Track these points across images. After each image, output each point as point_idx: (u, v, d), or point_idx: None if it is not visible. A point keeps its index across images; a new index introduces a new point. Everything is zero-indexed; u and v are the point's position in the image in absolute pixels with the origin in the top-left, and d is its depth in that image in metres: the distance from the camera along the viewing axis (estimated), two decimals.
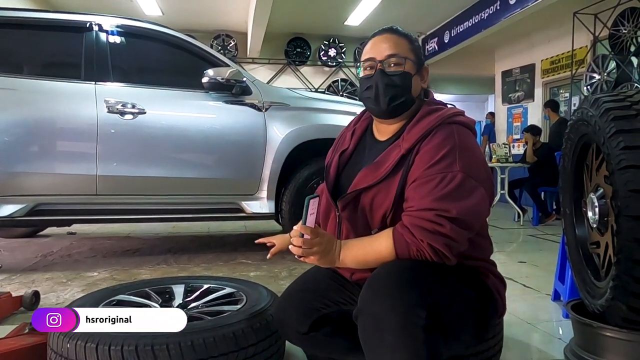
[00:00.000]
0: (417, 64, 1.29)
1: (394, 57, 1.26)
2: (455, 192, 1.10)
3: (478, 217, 1.16)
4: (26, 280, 2.80)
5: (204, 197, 3.16)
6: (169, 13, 7.54)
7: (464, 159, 1.13)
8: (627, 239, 1.37)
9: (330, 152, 1.47)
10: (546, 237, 4.63)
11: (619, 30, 5.64)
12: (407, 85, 1.26)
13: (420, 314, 1.00)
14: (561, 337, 1.94)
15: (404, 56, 1.26)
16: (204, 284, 1.85)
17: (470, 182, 1.12)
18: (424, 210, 1.10)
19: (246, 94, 3.19)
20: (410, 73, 1.27)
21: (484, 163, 1.22)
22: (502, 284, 1.31)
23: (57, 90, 2.95)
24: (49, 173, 2.89)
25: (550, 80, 7.56)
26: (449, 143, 1.15)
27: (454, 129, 1.19)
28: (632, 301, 1.40)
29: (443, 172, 1.11)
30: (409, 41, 1.29)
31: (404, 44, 1.28)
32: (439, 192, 1.10)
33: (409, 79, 1.27)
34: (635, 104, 1.43)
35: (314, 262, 1.15)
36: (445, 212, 1.08)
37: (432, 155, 1.14)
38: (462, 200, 1.10)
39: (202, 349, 1.29)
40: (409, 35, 1.31)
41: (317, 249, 1.13)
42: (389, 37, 1.28)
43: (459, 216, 1.08)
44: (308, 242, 1.12)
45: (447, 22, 7.84)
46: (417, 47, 1.31)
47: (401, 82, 1.25)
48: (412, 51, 1.29)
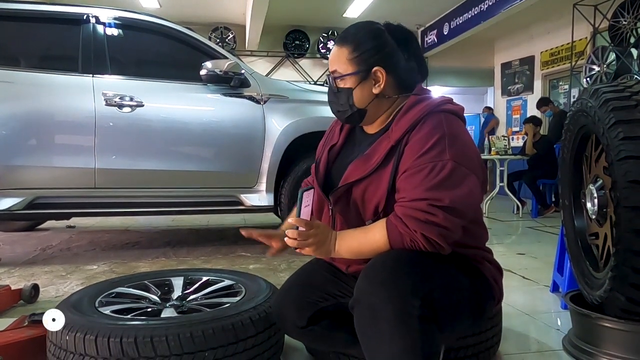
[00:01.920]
0: (359, 74, 1.24)
1: (334, 73, 1.27)
2: (446, 181, 1.09)
3: (471, 205, 1.15)
4: (25, 274, 2.80)
5: (203, 190, 3.16)
6: (166, 5, 7.50)
7: (453, 148, 1.12)
8: (626, 230, 1.37)
9: (321, 146, 1.46)
10: (545, 229, 4.63)
11: (618, 21, 5.62)
12: (346, 101, 1.26)
13: (415, 304, 1.01)
14: (560, 328, 1.95)
15: (341, 72, 1.26)
16: (203, 276, 1.85)
17: (461, 170, 1.12)
18: (416, 201, 1.09)
19: (244, 86, 3.18)
20: (349, 88, 1.25)
21: (475, 150, 1.22)
22: (498, 270, 1.31)
23: (55, 83, 2.94)
24: (47, 166, 2.88)
25: (549, 72, 7.55)
26: (438, 132, 1.14)
27: (443, 118, 1.18)
28: (630, 292, 1.40)
29: (433, 161, 1.11)
30: (350, 50, 1.24)
31: (342, 57, 1.25)
32: (431, 182, 1.09)
33: (348, 95, 1.26)
34: (634, 94, 1.43)
35: (310, 253, 1.15)
36: (438, 201, 1.08)
37: (422, 145, 1.13)
38: (454, 188, 1.09)
39: (201, 340, 1.29)
40: (353, 40, 1.25)
41: (313, 240, 1.13)
42: (334, 50, 1.28)
43: (451, 205, 1.08)
44: (303, 234, 1.12)
45: (446, 14, 7.81)
46: (361, 53, 1.23)
47: (342, 98, 1.27)
48: (351, 62, 1.24)
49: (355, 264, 1.29)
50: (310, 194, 1.16)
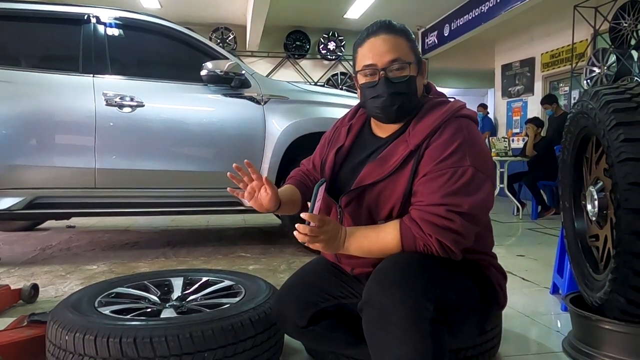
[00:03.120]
0: (417, 63, 1.25)
1: (396, 62, 1.20)
2: (466, 187, 1.10)
3: (486, 211, 1.17)
4: (25, 273, 2.80)
5: (203, 190, 3.15)
6: (167, 5, 7.50)
7: (473, 154, 1.13)
8: (626, 231, 1.36)
9: (324, 146, 1.45)
10: (545, 231, 4.63)
11: (619, 23, 5.62)
12: (413, 90, 1.23)
13: (428, 307, 1.01)
14: (559, 330, 1.94)
15: (406, 60, 1.21)
16: (203, 276, 1.85)
17: (480, 176, 1.12)
18: (434, 206, 1.09)
19: (245, 86, 3.18)
20: (414, 76, 1.23)
21: (490, 155, 1.23)
22: (503, 276, 1.32)
23: (55, 83, 2.93)
24: (47, 166, 2.88)
25: (550, 74, 7.54)
26: (459, 138, 1.14)
27: (463, 124, 1.18)
28: (630, 294, 1.40)
29: (454, 167, 1.11)
30: (406, 39, 1.24)
31: (403, 45, 1.22)
32: (450, 187, 1.10)
33: (414, 83, 1.23)
34: (635, 96, 1.43)
35: (318, 248, 1.14)
36: (457, 207, 1.08)
37: (442, 150, 1.13)
38: (473, 194, 1.10)
39: (201, 341, 1.29)
40: (405, 31, 1.25)
41: (323, 237, 1.12)
42: (386, 38, 1.21)
43: (470, 211, 1.09)
44: (315, 230, 1.10)
45: (447, 16, 7.81)
46: (414, 42, 1.26)
47: (407, 88, 1.22)
48: (412, 50, 1.24)
49: (360, 266, 1.29)
50: (323, 188, 1.15)
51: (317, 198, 1.11)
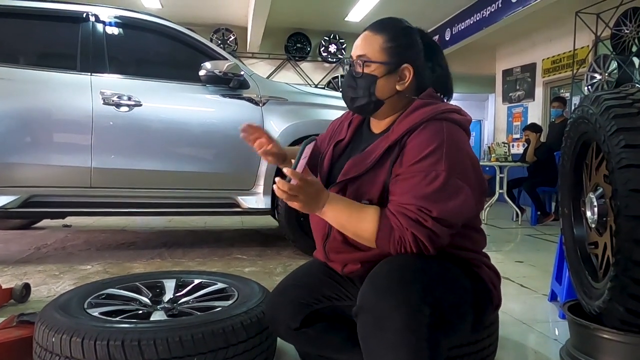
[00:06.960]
0: (392, 65, 1.23)
1: (362, 57, 1.24)
2: (437, 193, 1.07)
3: (461, 217, 1.12)
4: (18, 273, 2.78)
5: (200, 192, 3.13)
6: (168, 5, 7.49)
7: (450, 158, 1.09)
8: (626, 239, 1.34)
9: (326, 137, 1.46)
10: (544, 237, 4.61)
11: (621, 30, 5.61)
12: (368, 88, 1.23)
13: (425, 312, 0.98)
14: (557, 338, 1.92)
15: (371, 59, 1.23)
16: (196, 279, 1.83)
17: (455, 182, 1.09)
18: (406, 204, 1.08)
19: (244, 87, 3.16)
20: (374, 76, 1.23)
21: (474, 162, 1.18)
22: (496, 275, 1.28)
23: (53, 81, 2.92)
24: (43, 164, 2.86)
25: (551, 80, 7.53)
26: (437, 140, 1.11)
27: (444, 126, 1.14)
28: (630, 303, 1.38)
29: (426, 170, 1.08)
30: (387, 39, 1.23)
31: (376, 44, 1.23)
32: (421, 191, 1.07)
33: (372, 82, 1.23)
34: (637, 101, 1.41)
35: (296, 207, 1.11)
36: (427, 210, 1.06)
37: (418, 152, 1.11)
38: (443, 201, 1.07)
39: (190, 345, 1.27)
40: (390, 31, 1.25)
41: (302, 197, 1.09)
42: (366, 35, 1.26)
43: (439, 216, 1.06)
44: (295, 188, 1.07)
45: (448, 20, 7.80)
46: (399, 44, 1.24)
47: (363, 84, 1.24)
48: (385, 51, 1.23)
49: (350, 264, 1.26)
50: (311, 147, 1.12)
51: (303, 156, 1.08)
